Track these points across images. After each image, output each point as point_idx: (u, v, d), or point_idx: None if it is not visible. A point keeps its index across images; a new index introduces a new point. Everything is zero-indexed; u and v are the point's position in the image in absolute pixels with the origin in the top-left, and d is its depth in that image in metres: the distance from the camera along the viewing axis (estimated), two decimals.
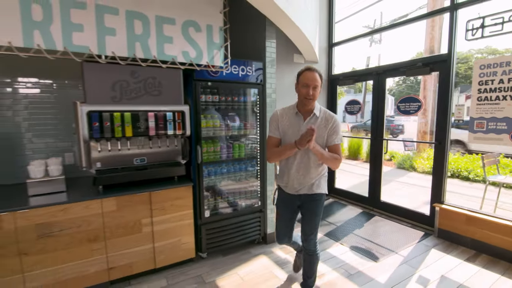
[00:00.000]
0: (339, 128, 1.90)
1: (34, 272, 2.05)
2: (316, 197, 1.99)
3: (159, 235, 2.48)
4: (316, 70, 1.84)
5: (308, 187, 1.97)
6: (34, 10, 1.83)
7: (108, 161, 2.34)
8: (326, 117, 1.91)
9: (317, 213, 2.01)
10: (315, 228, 2.03)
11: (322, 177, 2.00)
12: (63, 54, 1.94)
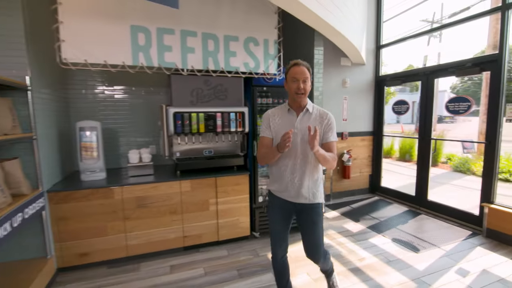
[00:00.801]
0: (334, 125, 1.80)
1: (133, 233, 2.74)
2: (316, 206, 1.82)
3: (222, 213, 3.02)
4: (303, 63, 1.74)
5: (307, 197, 1.79)
6: (140, 37, 2.49)
7: (185, 152, 2.96)
8: (321, 113, 1.80)
9: (318, 222, 1.83)
10: (320, 239, 1.85)
11: (320, 184, 1.85)
12: (157, 70, 2.58)
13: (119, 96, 3.32)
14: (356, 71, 4.71)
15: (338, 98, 4.62)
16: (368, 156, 5.01)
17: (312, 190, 1.81)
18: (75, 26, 2.28)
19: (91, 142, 2.74)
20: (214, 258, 2.84)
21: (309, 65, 1.78)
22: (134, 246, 2.75)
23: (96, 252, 2.64)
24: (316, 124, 1.75)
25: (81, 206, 2.54)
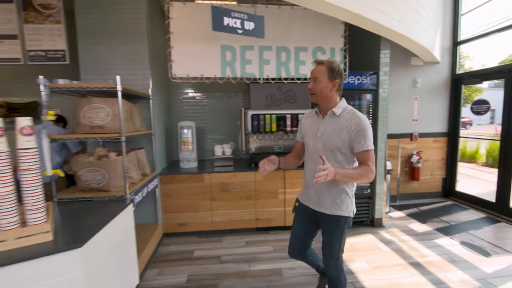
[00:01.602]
0: (366, 132, 1.55)
1: (217, 211, 3.39)
2: (336, 218, 1.69)
3: (289, 202, 3.46)
4: (320, 62, 1.62)
5: (328, 207, 1.69)
6: (227, 54, 3.09)
7: (259, 147, 3.49)
8: (351, 117, 1.59)
9: (337, 234, 1.70)
10: (334, 251, 1.72)
11: (346, 196, 1.68)
12: (240, 80, 3.16)
13: (207, 101, 4.05)
14: (429, 70, 4.58)
15: (408, 98, 4.58)
16: (441, 159, 4.81)
17: (335, 200, 1.67)
18: (182, 49, 3.00)
19: (188, 137, 3.49)
20: (282, 240, 3.30)
21: (330, 63, 1.59)
22: (217, 222, 3.40)
23: (190, 223, 3.37)
24: (342, 129, 1.59)
25: (180, 187, 3.29)
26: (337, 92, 1.64)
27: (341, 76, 1.61)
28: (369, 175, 1.55)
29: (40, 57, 2.96)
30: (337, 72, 1.59)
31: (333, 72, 1.58)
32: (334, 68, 1.58)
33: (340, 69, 1.61)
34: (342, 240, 1.73)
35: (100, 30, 2.83)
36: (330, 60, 1.61)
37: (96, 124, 2.18)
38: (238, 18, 2.09)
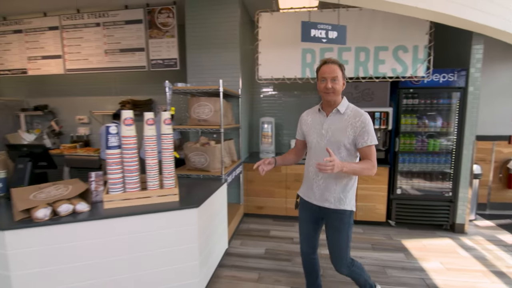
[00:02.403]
0: (369, 127, 1.64)
1: (291, 199, 3.75)
2: (341, 212, 1.73)
3: (360, 197, 3.58)
4: (334, 61, 1.67)
5: (332, 201, 1.73)
6: (307, 57, 3.39)
7: None
8: (354, 114, 1.67)
9: (342, 230, 1.74)
10: (342, 248, 1.77)
11: (350, 190, 1.74)
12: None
13: (285, 99, 4.42)
14: None
15: (507, 97, 4.08)
16: None
17: (339, 195, 1.72)
18: (267, 54, 3.41)
19: (268, 132, 3.93)
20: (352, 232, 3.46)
21: (341, 63, 1.68)
22: (290, 209, 3.76)
23: (267, 207, 3.82)
24: (346, 126, 1.66)
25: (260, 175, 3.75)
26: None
27: (345, 77, 1.74)
28: (373, 169, 1.64)
29: (159, 65, 3.78)
30: (344, 72, 1.71)
31: (343, 71, 1.70)
32: (343, 69, 1.70)
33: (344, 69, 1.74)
34: (349, 237, 1.76)
35: (203, 41, 3.47)
36: (337, 60, 1.71)
37: (202, 118, 2.77)
38: (323, 29, 2.36)
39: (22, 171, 2.16)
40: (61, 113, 5.13)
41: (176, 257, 1.98)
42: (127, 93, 4.76)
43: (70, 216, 1.75)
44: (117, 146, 1.84)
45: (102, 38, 3.94)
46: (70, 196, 1.83)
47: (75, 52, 4.07)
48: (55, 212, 1.72)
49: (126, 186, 1.91)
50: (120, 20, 3.84)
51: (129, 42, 3.84)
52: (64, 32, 4.07)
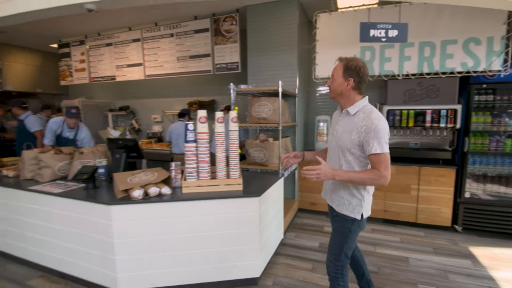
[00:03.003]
0: (377, 134, 1.47)
1: None
2: (342, 216, 1.67)
3: (422, 199, 3.42)
4: (341, 59, 1.61)
5: (337, 204, 1.70)
6: (366, 54, 3.37)
7: (393, 143, 3.60)
8: (364, 118, 1.53)
9: (340, 234, 1.69)
10: (333, 248, 1.72)
11: (355, 197, 1.63)
12: (377, 77, 3.37)
13: None
14: None
15: None
16: None
17: (343, 200, 1.65)
18: (324, 54, 3.50)
19: (323, 130, 4.00)
20: (411, 234, 3.34)
21: (347, 61, 1.57)
22: None
23: (320, 204, 3.91)
24: (353, 129, 1.56)
25: None
26: (356, 91, 1.59)
27: (358, 74, 1.54)
28: (380, 179, 1.48)
29: (223, 68, 4.15)
30: (352, 70, 1.55)
31: (347, 70, 1.56)
32: (350, 67, 1.55)
33: (358, 68, 1.54)
34: (346, 241, 1.67)
35: (262, 44, 3.71)
36: (350, 58, 1.59)
37: (261, 116, 3.00)
38: (383, 29, 2.37)
39: (118, 160, 2.67)
40: (140, 112, 5.94)
41: (239, 239, 2.24)
42: (194, 94, 5.29)
43: (157, 197, 2.14)
44: (193, 141, 2.17)
45: (175, 47, 4.48)
46: (157, 181, 2.22)
47: (153, 60, 4.70)
48: (146, 193, 2.13)
49: (200, 175, 2.24)
50: (190, 30, 4.32)
51: (197, 49, 4.29)
52: (144, 43, 4.74)
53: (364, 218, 1.66)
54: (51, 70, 6.42)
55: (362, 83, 1.57)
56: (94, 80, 5.39)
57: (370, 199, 1.68)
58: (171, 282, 2.24)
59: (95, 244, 2.21)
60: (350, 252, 1.71)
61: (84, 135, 3.69)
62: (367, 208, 1.67)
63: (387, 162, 1.49)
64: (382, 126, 1.49)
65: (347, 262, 1.72)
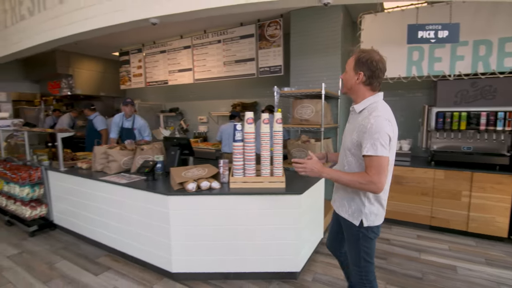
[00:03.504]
0: (374, 135, 1.33)
1: (388, 201, 3.65)
2: (347, 222, 1.56)
3: (474, 207, 3.22)
4: (355, 51, 1.50)
5: (337, 205, 1.64)
6: (414, 54, 3.28)
7: (441, 146, 3.45)
8: (366, 116, 1.42)
9: (351, 242, 1.58)
10: (353, 260, 1.61)
11: (359, 202, 1.50)
12: (426, 78, 3.26)
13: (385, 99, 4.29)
14: None
15: None
16: None
17: (343, 200, 1.59)
18: None
19: None
20: (460, 243, 3.17)
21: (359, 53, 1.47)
22: (388, 211, 3.65)
23: None
24: (355, 128, 1.47)
25: None
26: (367, 86, 1.47)
27: (369, 68, 1.42)
28: (368, 185, 1.34)
29: (266, 72, 4.32)
30: (363, 63, 1.43)
31: (358, 63, 1.45)
32: (361, 59, 1.44)
33: (370, 61, 1.41)
34: (360, 249, 1.53)
35: (305, 47, 3.80)
36: (365, 50, 1.47)
37: (304, 118, 3.10)
38: (432, 30, 2.32)
39: (173, 156, 2.97)
40: (187, 114, 6.39)
41: (281, 234, 2.38)
42: (237, 96, 5.55)
43: (208, 191, 2.36)
44: (240, 140, 2.36)
45: (221, 52, 4.77)
46: (207, 176, 2.45)
47: (201, 65, 5.05)
48: (199, 186, 2.36)
49: (246, 172, 2.41)
50: (236, 36, 4.57)
51: (242, 54, 4.52)
52: (194, 50, 5.11)
53: (375, 225, 1.51)
54: (112, 75, 7.19)
55: (374, 78, 1.43)
56: (149, 84, 5.94)
57: (376, 208, 1.50)
58: (216, 268, 2.45)
59: (154, 229, 2.51)
60: (369, 257, 1.56)
61: (139, 124, 4.18)
62: (371, 217, 1.49)
63: (380, 167, 1.33)
64: (380, 126, 1.34)
65: (370, 266, 1.58)
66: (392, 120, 1.40)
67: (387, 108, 1.46)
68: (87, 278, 2.57)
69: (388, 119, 1.37)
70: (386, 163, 1.35)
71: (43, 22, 3.31)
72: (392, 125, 1.38)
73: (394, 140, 1.40)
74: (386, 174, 1.36)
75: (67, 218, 3.42)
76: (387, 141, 1.34)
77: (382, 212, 1.54)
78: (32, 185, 3.43)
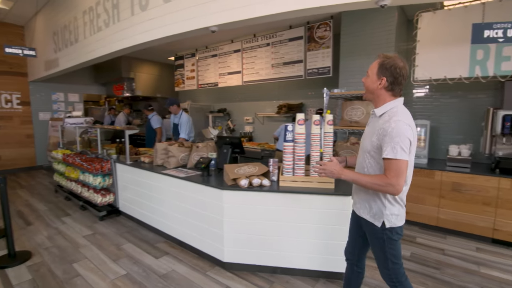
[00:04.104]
0: (394, 138, 1.37)
1: (444, 209, 3.47)
2: (369, 224, 1.59)
3: None
4: (379, 55, 1.52)
5: (358, 207, 1.68)
6: (478, 53, 3.06)
7: (509, 152, 3.16)
8: (387, 120, 1.45)
9: (376, 245, 1.60)
10: (381, 263, 1.62)
11: (378, 200, 1.54)
12: (492, 78, 3.02)
13: (444, 100, 4.06)
14: None
15: None
16: None
17: (364, 202, 1.63)
18: (426, 54, 3.32)
19: (420, 135, 3.77)
20: None
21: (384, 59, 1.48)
22: (443, 219, 3.48)
23: (413, 213, 3.69)
24: (375, 131, 1.50)
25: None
26: (389, 92, 1.50)
27: (392, 74, 1.45)
28: (386, 187, 1.39)
29: (314, 73, 4.35)
30: (387, 69, 1.46)
31: (381, 68, 1.48)
32: (385, 65, 1.46)
33: (394, 67, 1.45)
34: (386, 251, 1.56)
35: (356, 48, 3.76)
36: (389, 56, 1.49)
37: (353, 120, 3.09)
38: (500, 29, 2.17)
39: (225, 154, 3.17)
40: (234, 114, 6.66)
41: (329, 234, 2.42)
42: (283, 98, 5.66)
43: (259, 187, 2.50)
44: (291, 140, 2.45)
45: (270, 55, 4.91)
46: (258, 173, 2.59)
47: (250, 67, 5.26)
48: (250, 183, 2.51)
49: (295, 171, 2.50)
50: (284, 38, 4.68)
51: (290, 56, 4.62)
52: (243, 53, 5.34)
53: (397, 226, 1.53)
54: (167, 78, 7.80)
55: (396, 84, 1.48)
56: (201, 86, 6.33)
57: (397, 209, 1.53)
58: (264, 262, 2.58)
59: (208, 220, 2.72)
60: (396, 258, 1.57)
61: (181, 119, 4.62)
62: (392, 218, 1.52)
63: (399, 170, 1.38)
64: (401, 130, 1.38)
65: (399, 267, 1.59)
66: (412, 125, 1.44)
67: (407, 113, 1.50)
68: (149, 260, 2.88)
69: (408, 124, 1.41)
70: (405, 167, 1.39)
71: (116, 32, 3.77)
72: (413, 130, 1.42)
73: (414, 145, 1.45)
74: (404, 177, 1.41)
75: (130, 206, 3.84)
76: (408, 145, 1.39)
77: (403, 212, 1.58)
78: (103, 175, 3.91)
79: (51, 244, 3.23)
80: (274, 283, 2.48)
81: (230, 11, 2.65)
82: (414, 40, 3.41)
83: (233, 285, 2.45)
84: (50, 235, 3.47)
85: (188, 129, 4.59)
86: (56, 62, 5.45)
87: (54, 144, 6.25)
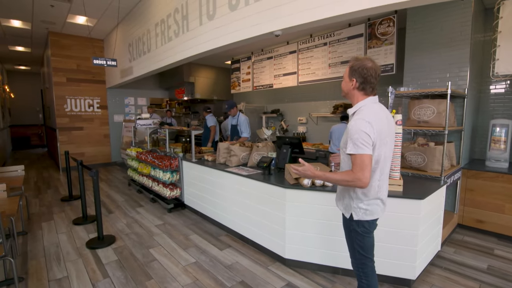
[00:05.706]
0: (353, 134, 1.49)
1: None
2: (342, 214, 1.77)
3: None
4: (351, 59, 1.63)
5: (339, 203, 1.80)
6: None
7: None
8: (353, 118, 1.57)
9: (346, 235, 1.79)
10: (350, 252, 1.77)
11: (347, 193, 1.68)
12: None
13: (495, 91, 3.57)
14: None
15: None
16: None
17: (340, 194, 1.77)
18: (508, 47, 2.98)
19: (501, 136, 3.38)
20: None
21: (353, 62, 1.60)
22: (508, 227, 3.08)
23: (490, 223, 3.33)
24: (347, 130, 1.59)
25: (485, 185, 3.33)
26: (361, 91, 1.60)
27: (361, 75, 1.55)
28: (354, 181, 1.46)
29: None
30: (355, 70, 1.57)
31: (351, 70, 1.59)
32: (354, 67, 1.58)
33: (361, 69, 1.54)
34: (353, 241, 1.69)
35: (425, 42, 3.51)
36: (359, 58, 1.59)
37: (422, 119, 2.92)
38: None
39: (285, 154, 3.26)
40: (287, 115, 6.72)
41: (396, 238, 2.34)
42: (339, 98, 5.54)
43: (321, 187, 2.53)
44: None
45: (327, 55, 4.86)
46: None
47: (306, 68, 5.27)
48: (313, 183, 2.56)
49: None
50: (343, 37, 4.59)
51: (349, 54, 4.51)
52: (299, 54, 5.38)
53: (365, 220, 1.63)
54: (223, 81, 8.20)
55: (366, 83, 1.57)
56: (256, 88, 6.53)
57: (365, 204, 1.61)
58: (326, 261, 2.59)
59: (270, 217, 2.83)
60: (364, 250, 1.67)
61: (240, 120, 4.79)
62: (360, 212, 1.62)
63: (363, 164, 1.45)
64: (359, 127, 1.47)
65: (366, 260, 1.69)
66: (375, 121, 1.49)
67: (373, 110, 1.55)
68: (214, 251, 3.11)
69: (368, 121, 1.48)
70: (368, 160, 1.46)
71: (184, 42, 4.12)
72: (373, 126, 1.48)
73: (382, 138, 1.52)
74: (369, 170, 1.46)
75: (194, 200, 4.16)
76: (368, 140, 1.46)
77: (375, 208, 1.63)
78: (172, 171, 4.31)
79: (130, 231, 3.68)
80: (336, 283, 2.49)
81: (295, 14, 2.72)
82: (494, 31, 3.08)
83: (295, 281, 2.52)
84: (128, 223, 3.95)
85: (248, 129, 4.80)
86: (130, 70, 6.14)
87: (127, 143, 7.05)
